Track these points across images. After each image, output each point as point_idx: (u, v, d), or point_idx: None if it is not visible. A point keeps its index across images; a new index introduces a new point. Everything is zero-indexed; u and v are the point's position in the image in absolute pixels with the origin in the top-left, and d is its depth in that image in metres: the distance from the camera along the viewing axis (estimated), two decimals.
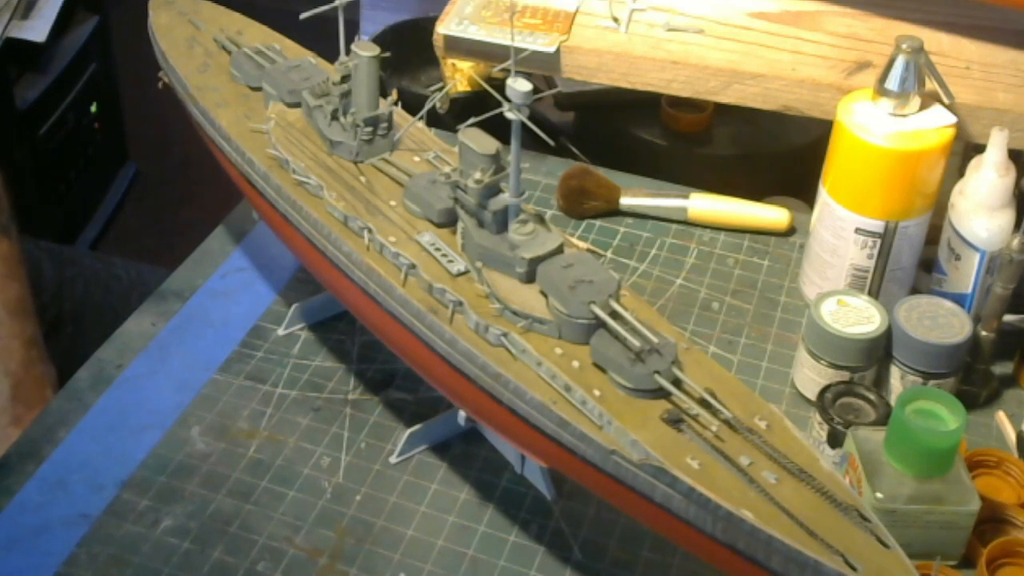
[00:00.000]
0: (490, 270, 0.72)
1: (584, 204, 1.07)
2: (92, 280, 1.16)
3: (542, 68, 1.06)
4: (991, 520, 0.79)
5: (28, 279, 1.07)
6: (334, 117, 0.85)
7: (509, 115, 0.67)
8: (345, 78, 0.83)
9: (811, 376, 0.88)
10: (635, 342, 0.67)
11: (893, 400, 0.85)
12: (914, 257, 0.95)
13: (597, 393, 0.66)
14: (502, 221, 0.72)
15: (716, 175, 1.15)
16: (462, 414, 0.78)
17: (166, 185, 2.42)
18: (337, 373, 0.92)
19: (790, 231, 1.07)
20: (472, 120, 0.73)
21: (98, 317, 1.14)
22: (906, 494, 0.75)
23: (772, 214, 1.07)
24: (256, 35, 1.01)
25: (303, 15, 0.80)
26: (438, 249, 0.75)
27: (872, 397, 0.84)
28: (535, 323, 0.69)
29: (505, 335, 0.69)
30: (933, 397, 0.77)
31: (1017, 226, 0.88)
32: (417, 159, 0.84)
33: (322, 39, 0.90)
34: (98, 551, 0.78)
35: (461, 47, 1.06)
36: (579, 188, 1.07)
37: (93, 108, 2.17)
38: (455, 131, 0.75)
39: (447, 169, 0.78)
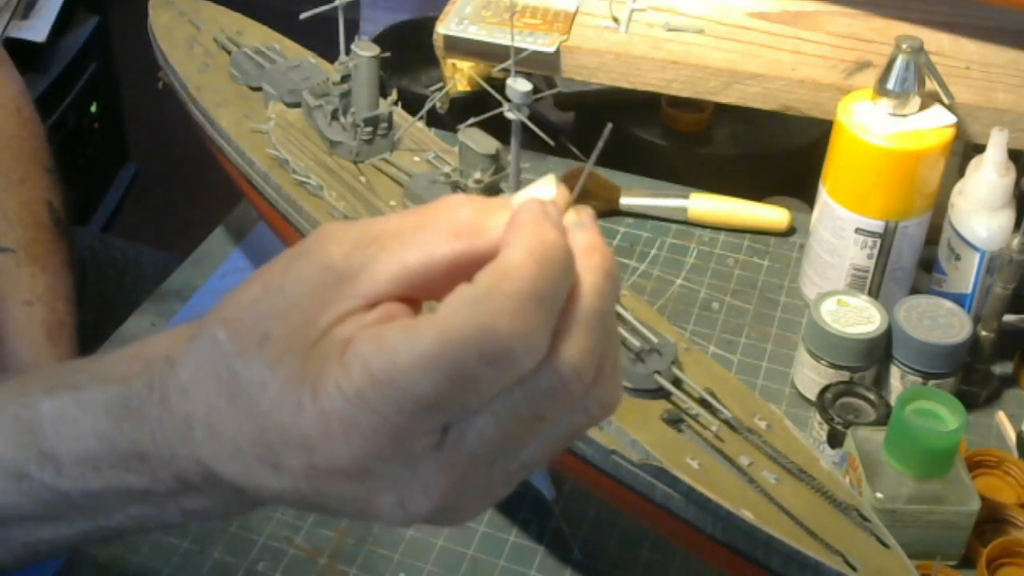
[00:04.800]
0: None
1: (584, 204, 1.07)
2: (90, 259, 1.16)
3: (542, 68, 1.06)
4: (991, 520, 0.79)
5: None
6: (334, 117, 0.85)
7: (509, 115, 0.67)
8: (345, 78, 0.83)
9: (811, 376, 0.88)
10: (635, 342, 0.67)
11: (893, 400, 0.85)
12: (914, 257, 0.95)
13: None
14: None
15: (716, 175, 1.14)
16: None
17: (166, 185, 2.42)
18: None
19: (790, 231, 1.07)
20: (472, 120, 0.73)
21: (97, 292, 1.14)
22: (906, 494, 0.75)
23: (772, 214, 1.07)
24: (256, 35, 1.01)
25: (303, 15, 0.80)
26: None
27: (872, 397, 0.84)
28: None
29: None
30: (933, 397, 0.77)
31: (1017, 226, 0.88)
32: (417, 159, 0.84)
33: (322, 39, 0.90)
34: (98, 551, 0.78)
35: (461, 47, 1.06)
36: (581, 189, 1.07)
37: (93, 108, 2.16)
38: (455, 131, 0.75)
39: (447, 169, 0.78)
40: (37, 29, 1.85)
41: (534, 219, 0.40)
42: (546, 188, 0.42)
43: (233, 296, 0.42)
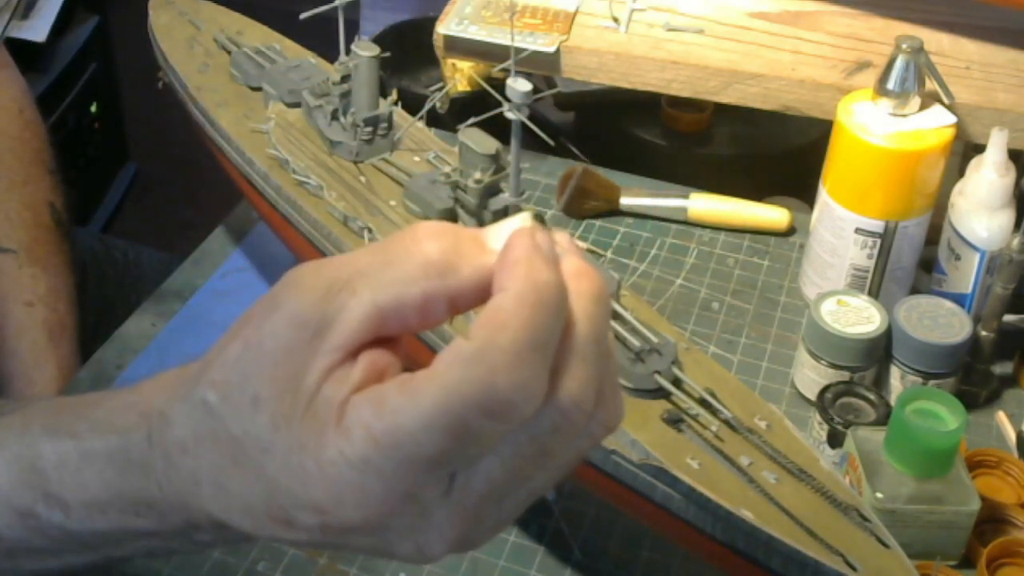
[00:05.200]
0: None
1: (584, 204, 1.07)
2: (90, 259, 1.16)
3: (542, 68, 1.06)
4: (991, 520, 0.79)
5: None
6: (334, 117, 0.85)
7: (509, 115, 0.67)
8: (345, 78, 0.83)
9: (811, 376, 0.88)
10: (635, 342, 0.67)
11: (893, 400, 0.85)
12: (914, 257, 0.95)
13: None
14: None
15: (716, 175, 1.14)
16: None
17: (166, 185, 2.42)
18: None
19: (790, 231, 1.07)
20: (472, 120, 0.73)
21: (97, 292, 1.14)
22: (906, 494, 0.75)
23: (772, 214, 1.07)
24: (256, 35, 1.01)
25: (303, 15, 0.80)
26: None
27: (872, 397, 0.84)
28: None
29: None
30: (933, 397, 0.77)
31: (1017, 226, 0.88)
32: (417, 159, 0.84)
33: (322, 39, 0.90)
34: None
35: (461, 47, 1.06)
36: (579, 188, 1.07)
37: (93, 108, 2.16)
38: (455, 131, 0.75)
39: (447, 169, 0.78)
40: (37, 29, 1.85)
41: (526, 258, 0.39)
42: (521, 224, 0.41)
43: (216, 354, 0.42)
